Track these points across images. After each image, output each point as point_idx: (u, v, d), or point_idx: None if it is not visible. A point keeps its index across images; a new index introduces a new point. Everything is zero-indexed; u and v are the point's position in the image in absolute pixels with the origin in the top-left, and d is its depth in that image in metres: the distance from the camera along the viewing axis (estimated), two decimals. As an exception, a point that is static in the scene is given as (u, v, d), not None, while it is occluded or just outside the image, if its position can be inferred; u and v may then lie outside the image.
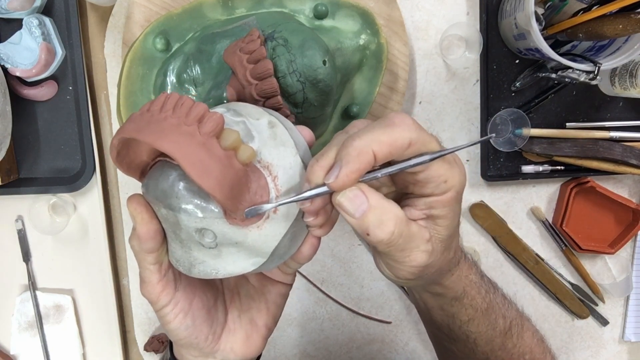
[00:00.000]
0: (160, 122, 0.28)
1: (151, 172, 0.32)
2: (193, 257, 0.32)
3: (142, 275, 0.34)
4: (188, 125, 0.27)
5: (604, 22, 0.50)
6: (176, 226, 0.31)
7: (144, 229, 0.31)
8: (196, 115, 0.28)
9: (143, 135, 0.27)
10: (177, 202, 0.29)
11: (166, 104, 0.29)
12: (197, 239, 0.31)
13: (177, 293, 0.34)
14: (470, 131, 0.63)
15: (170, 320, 0.34)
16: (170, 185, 0.29)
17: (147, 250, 0.32)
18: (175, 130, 0.27)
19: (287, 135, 0.31)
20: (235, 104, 0.33)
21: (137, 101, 0.50)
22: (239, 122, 0.31)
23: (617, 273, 0.68)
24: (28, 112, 0.58)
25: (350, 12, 0.51)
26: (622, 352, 0.70)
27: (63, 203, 0.59)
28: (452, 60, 0.61)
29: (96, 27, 0.59)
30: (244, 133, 0.30)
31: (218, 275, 0.32)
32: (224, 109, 0.32)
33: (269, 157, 0.30)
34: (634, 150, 0.60)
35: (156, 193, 0.30)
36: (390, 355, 0.68)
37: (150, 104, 0.29)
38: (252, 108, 0.33)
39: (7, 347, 0.63)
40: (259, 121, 0.31)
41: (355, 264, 0.65)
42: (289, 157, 0.31)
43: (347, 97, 0.54)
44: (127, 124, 0.29)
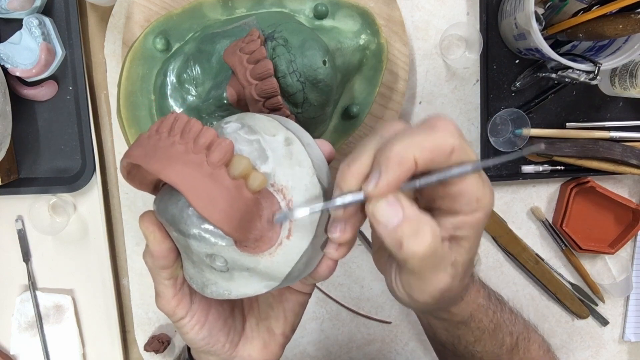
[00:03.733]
0: (167, 148, 0.27)
1: (162, 191, 0.31)
2: (205, 278, 0.31)
3: (157, 289, 0.33)
4: (195, 154, 0.26)
5: (604, 22, 0.50)
6: (187, 249, 0.30)
7: (157, 248, 0.31)
8: (204, 143, 0.27)
9: (149, 163, 0.26)
10: (186, 228, 0.28)
11: (174, 127, 0.28)
12: (208, 262, 0.30)
13: (193, 306, 0.34)
14: (470, 131, 0.63)
15: (188, 332, 0.34)
16: (179, 211, 0.28)
17: (161, 268, 0.32)
18: (181, 159, 0.26)
19: (304, 153, 0.29)
20: (251, 116, 0.31)
21: (137, 101, 0.50)
22: (252, 141, 0.29)
23: (617, 273, 0.68)
24: (28, 112, 0.58)
25: (350, 12, 0.51)
26: (622, 352, 0.70)
27: (63, 203, 0.59)
28: (452, 60, 0.61)
29: (96, 27, 0.59)
30: (258, 154, 0.29)
31: (231, 296, 0.31)
32: (238, 124, 0.30)
33: (283, 180, 0.29)
34: (634, 150, 0.60)
35: (166, 216, 0.29)
36: (390, 355, 0.68)
37: (160, 124, 0.28)
38: (268, 121, 0.30)
39: (7, 347, 0.63)
40: (275, 138, 0.30)
41: (355, 264, 0.65)
42: (305, 178, 0.29)
43: (347, 97, 0.54)
44: (135, 147, 0.28)
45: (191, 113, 0.47)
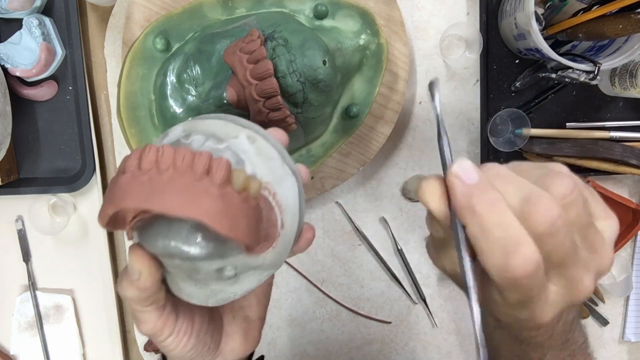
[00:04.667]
0: (169, 185, 0.26)
1: (149, 226, 0.29)
2: (210, 290, 0.31)
3: (139, 317, 0.32)
4: (199, 182, 0.26)
5: (604, 22, 0.50)
6: (192, 272, 0.30)
7: (149, 282, 0.29)
8: (203, 167, 0.26)
9: (156, 205, 0.25)
10: (195, 254, 0.28)
11: (161, 161, 0.26)
12: (215, 276, 0.30)
13: (179, 320, 0.33)
14: (470, 131, 0.63)
15: (175, 347, 0.33)
16: (185, 239, 0.28)
17: (148, 301, 0.31)
18: (189, 192, 0.25)
19: (268, 145, 0.30)
20: (202, 122, 0.31)
21: (137, 101, 0.50)
22: (224, 149, 0.29)
23: (617, 273, 0.68)
24: (28, 112, 0.58)
25: (350, 12, 0.51)
26: (622, 352, 0.70)
27: (63, 203, 0.59)
28: (452, 60, 0.61)
29: (96, 27, 0.59)
30: (235, 160, 0.29)
31: (236, 297, 0.31)
32: (200, 136, 0.30)
33: (264, 177, 0.29)
34: (634, 150, 0.60)
35: (168, 249, 0.28)
36: (390, 355, 0.68)
37: (139, 160, 0.27)
38: (224, 124, 0.31)
39: (7, 347, 0.63)
40: (239, 139, 0.30)
41: (355, 264, 0.65)
42: (279, 169, 0.30)
43: (347, 97, 0.54)
44: (122, 192, 0.26)
45: (191, 113, 0.47)
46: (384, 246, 0.65)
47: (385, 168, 0.63)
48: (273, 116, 0.44)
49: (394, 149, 0.63)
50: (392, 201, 0.64)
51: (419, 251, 0.65)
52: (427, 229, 0.31)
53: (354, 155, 0.58)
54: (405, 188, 0.63)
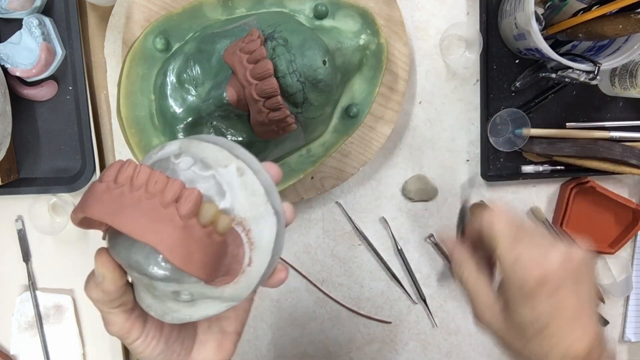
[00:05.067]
0: (135, 205, 0.26)
1: (118, 238, 0.30)
2: (167, 307, 0.31)
3: (107, 318, 0.32)
4: (165, 208, 0.26)
5: (604, 22, 0.50)
6: (150, 287, 0.30)
7: (113, 287, 0.30)
8: (173, 196, 0.26)
9: (118, 222, 0.26)
10: (153, 273, 0.28)
11: (136, 180, 0.27)
12: (172, 297, 0.30)
13: (147, 324, 0.33)
14: (470, 131, 0.63)
15: (143, 351, 0.33)
16: (145, 258, 0.28)
17: (112, 302, 0.31)
18: (152, 216, 0.26)
19: (256, 181, 0.30)
20: (197, 144, 0.31)
21: (137, 101, 0.50)
22: (208, 177, 0.29)
23: (617, 273, 0.68)
24: (28, 112, 0.58)
25: (350, 12, 0.51)
26: (622, 352, 0.70)
27: (63, 203, 0.59)
28: (452, 60, 0.61)
29: (96, 27, 0.59)
30: (216, 190, 0.29)
31: (192, 320, 0.32)
32: (190, 158, 0.30)
33: (241, 212, 0.29)
34: (634, 150, 0.60)
35: (129, 262, 0.29)
36: (390, 355, 0.68)
37: (116, 173, 0.27)
38: (218, 151, 0.30)
39: (7, 347, 0.63)
40: (227, 169, 0.30)
41: (355, 264, 0.65)
42: (260, 206, 0.30)
43: (347, 97, 0.54)
44: (94, 201, 0.27)
45: (191, 113, 0.47)
46: (384, 246, 0.65)
47: (385, 168, 0.63)
48: (273, 116, 0.44)
49: (394, 149, 0.63)
50: (392, 201, 0.64)
51: (419, 251, 0.65)
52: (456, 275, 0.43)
53: (354, 155, 0.58)
54: (406, 188, 0.63)
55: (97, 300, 0.31)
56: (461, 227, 0.43)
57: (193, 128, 0.48)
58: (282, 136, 0.47)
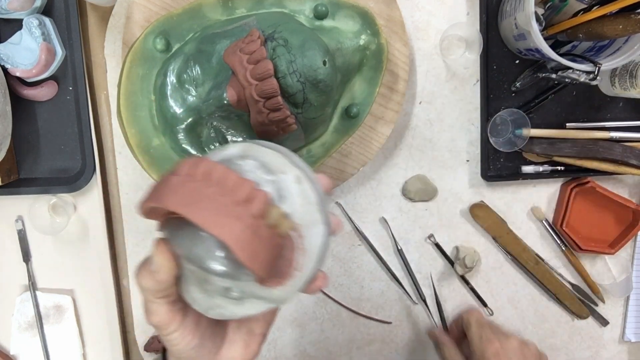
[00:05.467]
0: (210, 200, 0.27)
1: (180, 226, 0.31)
2: (214, 303, 0.32)
3: (150, 307, 0.33)
4: (237, 206, 0.27)
5: (604, 23, 0.50)
6: (204, 281, 0.31)
7: (166, 277, 0.31)
8: (246, 194, 0.28)
9: (192, 214, 0.27)
10: (211, 267, 0.29)
11: (211, 176, 0.28)
12: (223, 293, 0.31)
13: (186, 318, 0.34)
14: (470, 131, 0.63)
15: (178, 343, 0.34)
16: (206, 251, 0.29)
17: (161, 294, 0.32)
18: (225, 212, 0.27)
19: (312, 190, 0.31)
20: (257, 149, 0.32)
21: (137, 101, 0.50)
22: (270, 181, 0.31)
23: (617, 273, 0.68)
24: (28, 112, 0.58)
25: (350, 13, 0.51)
26: (622, 352, 0.70)
27: (63, 203, 0.59)
28: (452, 60, 0.61)
29: (96, 27, 0.59)
30: (277, 194, 0.30)
31: (234, 317, 0.33)
32: (253, 161, 0.31)
33: (297, 218, 0.30)
34: (634, 151, 0.60)
35: (189, 255, 0.30)
36: (390, 355, 0.68)
37: (191, 168, 0.28)
38: (277, 157, 0.32)
39: (7, 347, 0.63)
40: (287, 176, 0.31)
41: (355, 264, 0.65)
42: (313, 214, 0.31)
43: (347, 97, 0.54)
44: (168, 192, 0.28)
45: (191, 113, 0.47)
46: (384, 246, 0.65)
47: (385, 168, 0.63)
48: (273, 117, 0.44)
49: (394, 149, 0.63)
50: (392, 201, 0.64)
51: (419, 251, 0.65)
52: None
53: (354, 155, 0.58)
54: (406, 188, 0.63)
55: (147, 289, 0.32)
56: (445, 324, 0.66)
57: (193, 128, 0.48)
58: (282, 136, 0.47)
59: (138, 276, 0.32)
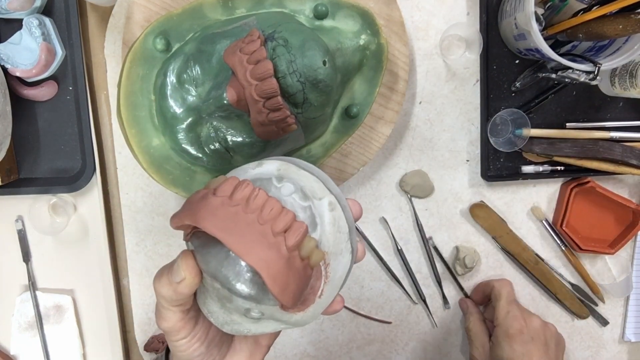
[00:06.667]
0: (249, 227, 0.27)
1: (211, 245, 0.30)
2: (230, 319, 0.32)
3: (162, 313, 0.33)
4: (275, 236, 0.27)
5: (604, 23, 0.50)
6: (225, 299, 0.31)
7: (188, 290, 0.31)
8: (284, 226, 0.28)
9: (230, 240, 0.26)
10: (238, 289, 0.29)
11: (252, 202, 0.28)
12: (242, 312, 0.31)
13: (197, 327, 0.34)
14: (470, 131, 0.63)
15: (185, 350, 0.34)
16: (236, 275, 0.29)
17: (176, 303, 0.32)
18: (262, 242, 0.27)
19: (343, 218, 0.31)
20: (297, 171, 0.32)
21: (137, 101, 0.50)
22: (306, 207, 0.30)
23: (617, 273, 0.68)
24: (28, 112, 0.58)
25: (351, 13, 0.51)
26: (622, 352, 0.70)
27: (63, 203, 0.59)
28: (452, 60, 0.61)
29: (96, 27, 0.59)
30: (310, 221, 0.30)
31: (249, 334, 0.33)
32: (292, 185, 0.31)
33: (326, 246, 0.30)
34: (634, 151, 0.60)
35: (216, 274, 0.29)
36: (390, 355, 0.68)
37: (233, 190, 0.28)
38: (315, 182, 0.31)
39: (7, 347, 0.63)
40: (321, 202, 0.31)
41: (355, 264, 0.65)
42: (342, 243, 0.31)
43: (347, 97, 0.54)
44: (208, 214, 0.27)
45: (191, 113, 0.47)
46: (384, 246, 0.65)
47: (385, 168, 0.63)
48: (273, 117, 0.44)
49: (394, 149, 0.63)
50: (392, 201, 0.64)
51: (419, 251, 0.65)
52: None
53: (354, 155, 0.58)
54: (403, 180, 0.63)
55: (164, 297, 0.31)
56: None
57: (193, 128, 0.48)
58: (282, 136, 0.47)
59: (157, 283, 0.32)
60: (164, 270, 0.32)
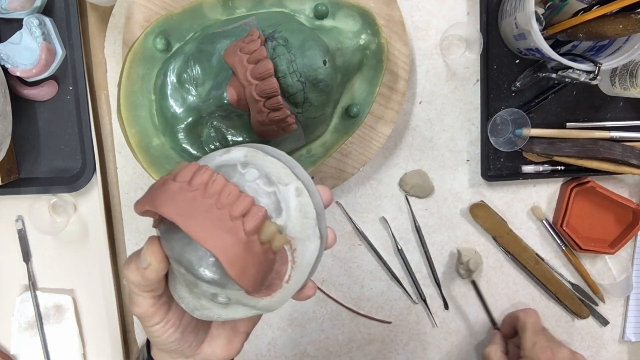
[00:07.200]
0: (206, 212, 0.27)
1: (175, 231, 0.31)
2: (200, 304, 0.32)
3: (135, 299, 0.33)
4: (232, 221, 0.27)
5: (604, 22, 0.50)
6: (192, 284, 0.31)
7: (155, 276, 0.31)
8: (242, 210, 0.28)
9: (187, 225, 0.27)
10: (201, 274, 0.29)
11: (210, 187, 0.28)
12: (210, 297, 0.32)
13: (170, 312, 0.34)
14: (470, 131, 0.63)
15: (160, 335, 0.34)
16: (198, 259, 0.29)
17: (146, 288, 0.32)
18: (220, 226, 0.27)
19: (310, 204, 0.31)
20: (263, 158, 0.32)
21: (137, 101, 0.50)
22: (270, 193, 0.30)
23: (617, 273, 0.68)
24: (28, 112, 0.58)
25: (351, 12, 0.51)
26: (622, 352, 0.70)
27: (63, 203, 0.59)
28: (452, 60, 0.61)
29: (96, 27, 0.59)
30: (274, 207, 0.30)
31: (220, 319, 0.33)
32: (256, 171, 0.31)
33: (292, 231, 0.30)
34: (634, 150, 0.60)
35: (181, 259, 0.30)
36: (390, 355, 0.68)
37: (192, 176, 0.28)
38: (281, 168, 0.31)
39: (7, 347, 0.63)
40: (287, 187, 0.31)
41: (355, 264, 0.65)
42: (309, 229, 0.31)
43: (347, 97, 0.54)
44: (165, 199, 0.28)
45: (191, 113, 0.47)
46: (384, 246, 0.65)
47: (386, 168, 0.63)
48: (273, 116, 0.44)
49: (394, 149, 0.63)
50: (392, 201, 0.64)
51: (419, 251, 0.65)
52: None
53: (354, 155, 0.58)
54: (403, 180, 0.63)
55: (133, 282, 0.32)
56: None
57: (193, 128, 0.48)
58: (282, 136, 0.47)
59: (127, 268, 0.32)
60: (133, 256, 0.32)
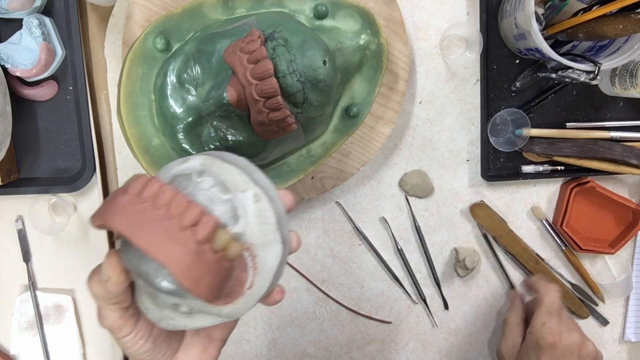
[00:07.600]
0: (155, 223, 0.27)
1: (132, 245, 0.30)
2: (164, 314, 0.32)
3: (102, 312, 0.33)
4: (182, 231, 0.27)
5: (604, 22, 0.50)
6: (153, 295, 0.31)
7: (117, 288, 0.31)
8: (191, 220, 0.27)
9: (136, 237, 0.26)
10: (159, 285, 0.29)
11: (159, 199, 0.28)
12: (172, 308, 0.32)
13: (139, 323, 0.34)
14: (470, 131, 0.63)
15: (131, 347, 0.34)
16: (154, 270, 0.29)
17: (111, 301, 0.32)
18: (169, 237, 0.27)
19: (270, 209, 0.31)
20: (220, 166, 0.32)
21: (137, 101, 0.50)
22: (226, 200, 0.30)
23: (617, 273, 0.68)
24: (28, 112, 0.58)
25: (351, 12, 0.51)
26: (622, 352, 0.70)
27: (63, 203, 0.59)
28: (452, 60, 0.61)
29: (96, 27, 0.59)
30: (231, 214, 0.30)
31: (186, 328, 0.33)
32: (211, 179, 0.31)
33: (251, 238, 0.30)
34: (634, 150, 0.60)
35: (138, 271, 0.30)
36: (390, 355, 0.68)
37: (142, 188, 0.28)
38: (238, 174, 0.31)
39: (7, 347, 0.63)
40: (245, 194, 0.31)
41: (355, 264, 0.65)
42: (270, 235, 0.31)
43: (347, 97, 0.54)
44: (116, 212, 0.27)
45: (191, 113, 0.47)
46: (384, 246, 0.65)
47: (386, 168, 0.63)
48: (273, 116, 0.44)
49: (394, 148, 0.63)
50: (392, 201, 0.64)
51: (419, 251, 0.65)
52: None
53: (354, 155, 0.58)
54: (403, 180, 0.63)
55: (96, 296, 0.32)
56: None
57: (193, 128, 0.48)
58: (282, 136, 0.47)
59: (89, 283, 0.32)
60: (94, 270, 0.32)
